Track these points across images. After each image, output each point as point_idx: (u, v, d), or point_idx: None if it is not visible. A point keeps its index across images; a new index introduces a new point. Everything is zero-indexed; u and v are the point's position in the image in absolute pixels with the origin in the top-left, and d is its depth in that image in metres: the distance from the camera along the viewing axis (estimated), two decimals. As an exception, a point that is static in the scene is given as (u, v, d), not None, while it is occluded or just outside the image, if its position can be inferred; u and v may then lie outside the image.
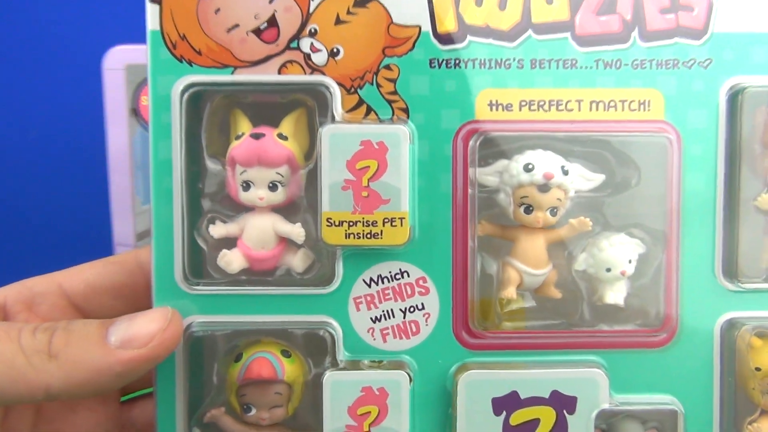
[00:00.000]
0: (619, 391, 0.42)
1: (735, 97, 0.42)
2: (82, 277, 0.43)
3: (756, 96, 0.42)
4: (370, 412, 0.41)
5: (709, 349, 0.43)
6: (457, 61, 0.41)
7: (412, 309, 0.42)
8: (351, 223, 0.40)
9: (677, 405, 0.42)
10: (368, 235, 0.40)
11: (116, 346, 0.35)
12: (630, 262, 0.42)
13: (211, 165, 0.42)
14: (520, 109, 0.41)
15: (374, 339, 0.42)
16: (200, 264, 0.42)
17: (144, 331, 0.35)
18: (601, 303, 0.43)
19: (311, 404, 0.42)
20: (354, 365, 0.42)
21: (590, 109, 0.42)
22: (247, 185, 0.41)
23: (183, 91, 0.41)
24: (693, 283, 0.42)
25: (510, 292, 0.42)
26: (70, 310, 0.42)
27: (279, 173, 0.41)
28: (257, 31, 0.41)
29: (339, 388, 0.41)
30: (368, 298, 0.42)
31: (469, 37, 0.41)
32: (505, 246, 0.43)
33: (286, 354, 0.42)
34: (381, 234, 0.40)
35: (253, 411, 0.42)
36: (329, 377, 0.41)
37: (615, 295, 0.42)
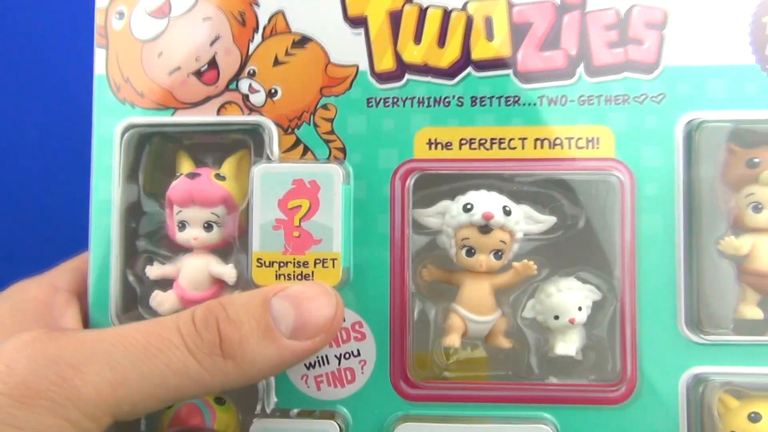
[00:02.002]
0: (572, 451, 0.39)
1: (691, 134, 0.39)
2: None
3: (715, 132, 0.39)
4: (297, 465, 0.38)
5: (674, 408, 0.39)
6: (395, 100, 0.40)
7: (347, 355, 0.40)
8: (282, 264, 0.39)
9: (637, 470, 0.38)
10: (299, 276, 0.39)
11: (288, 337, 0.33)
12: (580, 309, 0.39)
13: (149, 204, 0.42)
14: (461, 148, 0.40)
15: (308, 386, 0.40)
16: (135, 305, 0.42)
17: (314, 320, 0.34)
18: (552, 354, 0.40)
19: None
20: (283, 415, 0.40)
21: (535, 147, 0.40)
22: (182, 225, 0.41)
23: (123, 132, 0.41)
24: (653, 333, 0.39)
25: (452, 339, 0.40)
26: None
27: (214, 213, 0.41)
28: (198, 73, 0.42)
29: (266, 437, 0.39)
30: (302, 344, 0.40)
31: (407, 76, 0.40)
32: (448, 291, 0.41)
33: (219, 401, 0.41)
34: (312, 275, 0.39)
35: (183, 460, 0.40)
36: (255, 425, 0.39)
37: (567, 345, 0.39)
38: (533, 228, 0.40)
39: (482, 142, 0.40)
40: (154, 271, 0.41)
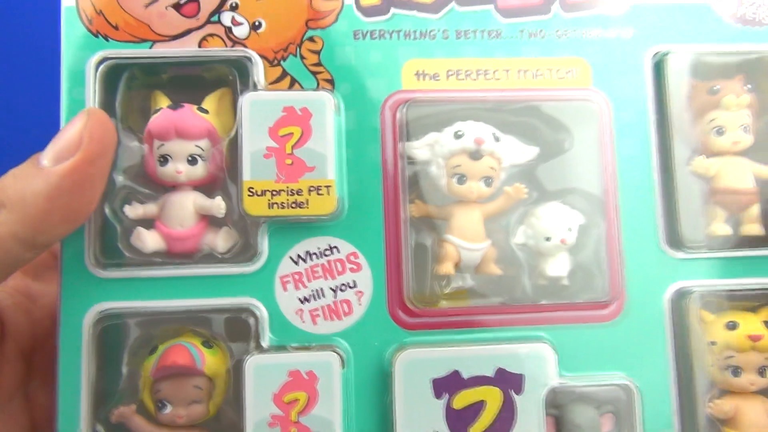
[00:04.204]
0: (569, 369, 0.39)
1: (659, 66, 0.42)
2: None
3: (678, 65, 0.42)
4: (298, 399, 0.37)
5: (660, 321, 0.40)
6: (382, 32, 0.41)
7: (343, 287, 0.39)
8: (274, 192, 0.38)
9: (631, 382, 0.39)
10: (293, 205, 0.38)
11: (51, 166, 0.34)
12: (570, 230, 0.40)
13: (126, 139, 0.40)
14: (448, 78, 0.41)
15: (303, 321, 0.39)
16: (114, 246, 0.39)
17: (65, 138, 0.34)
18: (543, 276, 0.40)
19: (234, 397, 0.38)
20: (280, 350, 0.38)
21: (518, 77, 0.41)
22: (164, 159, 0.39)
23: (97, 64, 0.39)
24: (637, 252, 0.41)
25: (447, 267, 0.40)
26: None
27: (199, 146, 0.39)
28: (177, 6, 0.40)
29: (263, 372, 0.37)
30: (296, 277, 0.39)
31: (392, 9, 0.41)
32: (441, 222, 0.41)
33: (207, 345, 0.39)
34: (307, 203, 0.38)
35: (169, 408, 0.37)
36: (252, 361, 0.37)
37: (556, 266, 0.40)
38: (519, 158, 0.41)
39: (468, 73, 0.41)
40: (134, 210, 0.39)
